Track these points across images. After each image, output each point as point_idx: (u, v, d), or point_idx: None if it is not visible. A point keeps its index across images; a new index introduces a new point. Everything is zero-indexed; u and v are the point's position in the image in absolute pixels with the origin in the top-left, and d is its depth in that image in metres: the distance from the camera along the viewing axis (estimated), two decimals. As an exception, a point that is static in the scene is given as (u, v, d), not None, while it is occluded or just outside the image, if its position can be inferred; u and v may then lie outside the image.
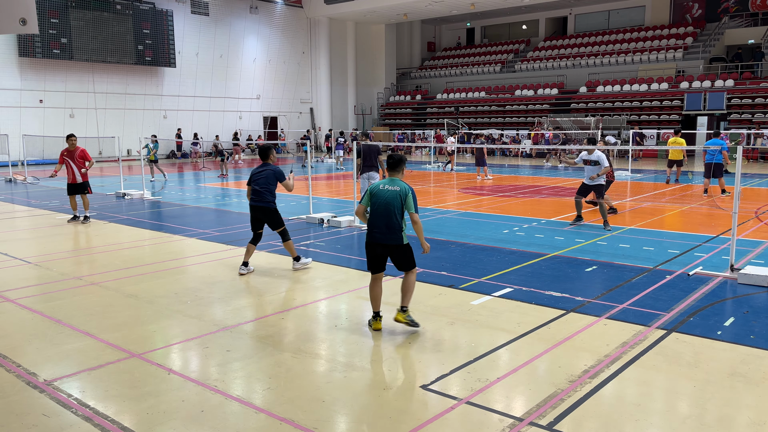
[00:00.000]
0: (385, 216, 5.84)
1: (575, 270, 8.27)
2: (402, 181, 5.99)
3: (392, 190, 5.88)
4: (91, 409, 4.38)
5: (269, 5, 40.67)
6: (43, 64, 30.35)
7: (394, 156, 6.11)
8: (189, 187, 20.32)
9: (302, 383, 4.82)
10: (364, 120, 46.84)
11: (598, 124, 32.99)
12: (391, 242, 5.87)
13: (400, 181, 5.98)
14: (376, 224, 5.91)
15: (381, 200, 5.88)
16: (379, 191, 5.94)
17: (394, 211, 5.83)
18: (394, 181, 5.97)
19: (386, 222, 5.84)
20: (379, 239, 5.89)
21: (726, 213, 12.83)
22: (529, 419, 4.19)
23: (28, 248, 10.19)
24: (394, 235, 5.86)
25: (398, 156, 6.11)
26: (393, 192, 5.87)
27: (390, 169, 6.08)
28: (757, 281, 7.37)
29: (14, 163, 26.16)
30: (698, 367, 5.07)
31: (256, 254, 9.49)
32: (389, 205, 5.83)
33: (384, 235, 5.86)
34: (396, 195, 5.85)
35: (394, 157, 6.10)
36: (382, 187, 5.96)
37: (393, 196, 5.85)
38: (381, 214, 5.86)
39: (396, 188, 5.89)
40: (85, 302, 7.01)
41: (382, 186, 5.96)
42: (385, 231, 5.85)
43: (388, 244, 5.89)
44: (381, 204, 5.87)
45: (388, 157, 6.13)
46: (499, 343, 5.63)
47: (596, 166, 11.36)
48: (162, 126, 35.25)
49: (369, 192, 6.02)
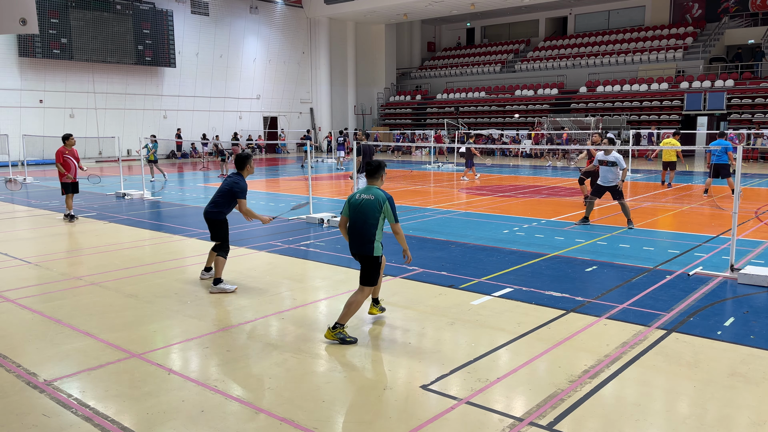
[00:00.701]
0: (358, 225, 5.67)
1: (575, 270, 8.27)
2: (379, 190, 5.77)
3: (367, 199, 5.68)
4: (91, 409, 4.38)
5: (269, 5, 40.68)
6: (43, 64, 30.36)
7: (372, 163, 5.88)
8: (189, 187, 20.32)
9: (302, 383, 4.82)
10: (364, 120, 46.84)
11: (598, 124, 33.00)
12: (362, 252, 5.69)
13: (377, 190, 5.76)
14: (351, 235, 5.77)
15: (356, 209, 5.71)
16: (355, 200, 5.76)
17: (368, 221, 5.63)
18: (370, 190, 5.75)
19: (359, 231, 5.67)
20: (354, 249, 5.76)
21: (726, 213, 12.83)
22: (529, 419, 4.19)
23: (28, 248, 10.19)
24: (364, 246, 5.66)
25: (376, 162, 5.90)
26: (368, 201, 5.67)
27: (368, 177, 5.87)
28: (757, 281, 7.37)
29: (14, 163, 26.15)
30: (698, 367, 5.07)
31: (256, 254, 9.49)
32: (363, 214, 5.65)
33: (356, 245, 5.71)
34: (371, 204, 5.65)
35: (372, 164, 5.87)
36: (358, 196, 5.76)
37: (368, 206, 5.65)
38: (354, 222, 5.70)
39: (371, 197, 5.68)
40: (85, 302, 7.01)
41: (359, 195, 5.76)
42: (357, 240, 5.69)
43: (358, 254, 5.73)
44: (355, 213, 5.71)
45: (366, 164, 5.90)
46: (499, 343, 5.63)
47: (613, 167, 11.16)
48: (162, 126, 35.26)
49: (347, 202, 5.85)
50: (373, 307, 6.38)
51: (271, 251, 9.65)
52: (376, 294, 6.35)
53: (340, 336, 5.61)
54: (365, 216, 5.63)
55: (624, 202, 11.24)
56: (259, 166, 30.45)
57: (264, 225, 7.97)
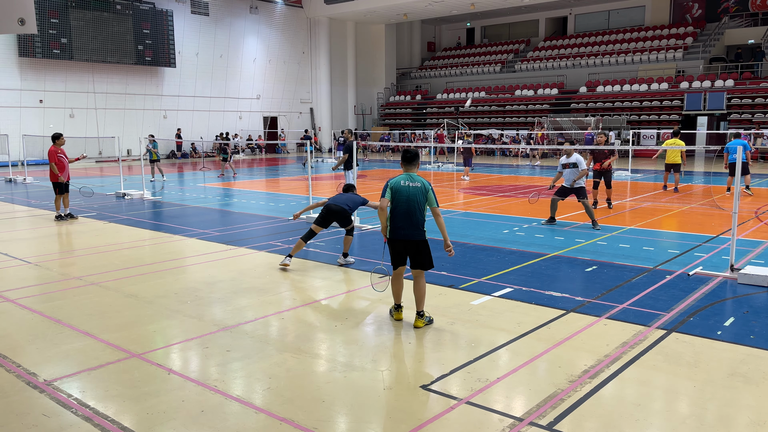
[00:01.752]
0: (408, 212, 5.91)
1: (575, 270, 8.27)
2: (420, 177, 6.04)
3: (414, 186, 5.94)
4: (91, 409, 4.38)
5: (269, 5, 40.68)
6: (43, 64, 30.36)
7: (410, 150, 6.12)
8: (189, 187, 20.32)
9: (302, 383, 4.82)
10: (364, 120, 46.85)
11: (598, 124, 33.00)
12: (414, 238, 5.95)
13: (418, 177, 6.03)
14: (398, 221, 5.95)
15: (402, 197, 5.93)
16: (400, 187, 5.96)
17: (417, 207, 5.92)
18: (413, 177, 6.01)
19: (409, 218, 5.91)
20: (403, 236, 5.96)
21: (726, 213, 12.83)
22: (529, 419, 4.19)
23: (28, 248, 10.18)
24: (416, 231, 5.94)
25: (414, 151, 6.13)
26: (414, 188, 5.94)
27: (406, 164, 6.10)
28: (757, 281, 7.37)
29: (14, 163, 26.16)
30: (698, 367, 5.07)
31: (256, 254, 9.50)
32: (411, 201, 5.90)
33: (407, 231, 5.94)
34: (417, 191, 5.93)
35: (411, 151, 6.12)
36: (402, 183, 5.96)
37: (415, 192, 5.92)
38: (403, 210, 5.92)
39: (417, 184, 5.96)
40: (85, 302, 7.01)
41: (403, 182, 5.97)
42: (408, 227, 5.92)
43: (410, 240, 5.96)
44: (402, 200, 5.92)
45: (404, 152, 6.14)
46: (499, 343, 5.62)
47: (575, 168, 11.47)
48: (162, 126, 35.26)
49: (389, 188, 6.00)
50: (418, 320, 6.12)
51: (271, 251, 9.65)
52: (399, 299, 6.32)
53: (428, 319, 6.09)
54: (414, 202, 5.90)
55: (587, 202, 11.44)
56: (259, 166, 30.46)
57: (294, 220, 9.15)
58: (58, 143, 12.90)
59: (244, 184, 20.95)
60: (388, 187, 6.01)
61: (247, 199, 16.71)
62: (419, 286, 6.05)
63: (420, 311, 6.04)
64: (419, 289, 6.05)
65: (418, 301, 6.06)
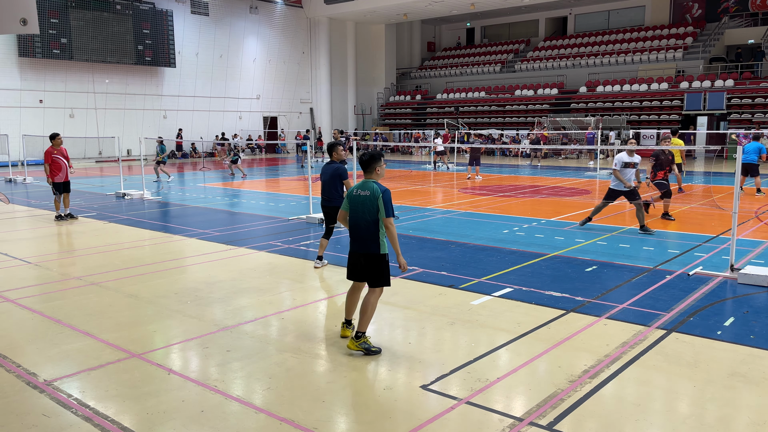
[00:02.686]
0: (357, 223, 5.41)
1: (575, 270, 8.27)
2: (374, 183, 5.39)
3: (363, 195, 5.36)
4: (91, 409, 4.38)
5: (269, 5, 40.68)
6: (43, 64, 30.35)
7: (364, 154, 5.49)
8: (189, 187, 20.32)
9: (302, 383, 4.82)
10: (364, 120, 46.85)
11: (598, 124, 32.99)
12: (365, 251, 5.39)
13: (372, 183, 5.39)
14: (351, 232, 5.51)
15: (354, 206, 5.44)
16: (352, 197, 5.46)
17: (366, 218, 5.33)
18: (366, 184, 5.40)
19: (359, 229, 5.41)
20: (356, 248, 5.48)
21: (726, 213, 12.82)
22: (529, 419, 4.19)
23: (28, 248, 10.19)
24: (366, 243, 5.37)
25: (369, 154, 5.49)
26: (364, 197, 5.35)
27: (363, 170, 5.51)
28: (757, 281, 7.37)
29: (14, 163, 26.16)
30: (698, 367, 5.07)
31: (256, 254, 9.49)
32: (361, 211, 5.36)
33: (359, 244, 5.43)
34: (367, 200, 5.33)
35: (365, 155, 5.48)
36: (355, 192, 5.46)
37: (364, 202, 5.35)
38: (354, 220, 5.44)
39: (367, 192, 5.35)
40: (85, 302, 7.01)
41: (356, 191, 5.45)
42: (359, 239, 5.42)
43: (362, 253, 5.43)
44: (354, 210, 5.44)
45: (360, 156, 5.57)
46: (499, 343, 5.63)
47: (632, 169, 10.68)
48: (162, 126, 35.26)
49: (347, 197, 5.58)
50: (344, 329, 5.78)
51: (271, 251, 9.65)
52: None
53: (365, 346, 5.35)
54: (364, 213, 5.34)
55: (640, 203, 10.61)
56: (259, 166, 30.46)
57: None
58: (54, 143, 12.88)
59: (244, 184, 20.95)
60: (346, 197, 5.60)
61: (247, 199, 16.71)
62: (367, 300, 5.40)
63: (359, 331, 5.36)
64: (364, 305, 5.40)
65: (360, 318, 5.38)
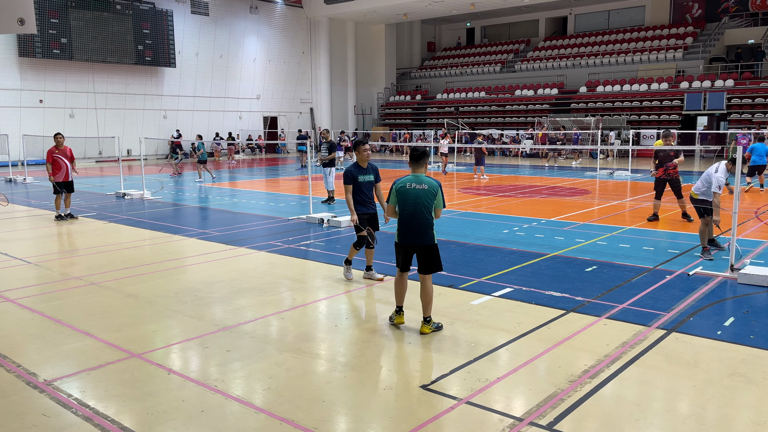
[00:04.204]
0: (413, 216, 5.69)
1: (575, 270, 8.27)
2: (428, 177, 5.77)
3: (420, 189, 5.69)
4: (91, 409, 4.38)
5: (269, 5, 40.68)
6: (43, 64, 30.36)
7: (417, 149, 5.84)
8: (189, 187, 20.31)
9: (302, 383, 4.82)
10: (364, 120, 46.85)
11: (598, 124, 33.00)
12: (422, 242, 5.73)
13: (425, 178, 5.75)
14: (406, 225, 5.75)
15: (410, 199, 5.70)
16: (406, 190, 5.73)
17: (424, 211, 5.68)
18: (420, 178, 5.74)
19: (417, 222, 5.69)
20: (411, 241, 5.76)
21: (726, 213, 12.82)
22: (529, 419, 4.19)
23: (28, 248, 10.18)
24: (424, 236, 5.72)
25: (422, 149, 5.85)
26: (422, 191, 5.69)
27: (413, 163, 5.83)
28: (757, 281, 7.37)
29: (14, 163, 26.16)
30: (698, 367, 5.07)
31: (256, 254, 9.49)
32: (418, 204, 5.67)
33: (416, 236, 5.72)
34: (425, 194, 5.68)
35: (418, 149, 5.83)
36: (408, 186, 5.73)
37: (423, 195, 5.68)
38: (409, 214, 5.71)
39: (424, 186, 5.70)
40: (85, 302, 7.01)
41: (409, 185, 5.73)
42: (416, 231, 5.71)
43: (418, 245, 5.76)
44: (409, 204, 5.70)
45: (412, 150, 5.90)
46: (499, 343, 5.62)
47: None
48: (162, 126, 35.27)
49: (394, 191, 5.82)
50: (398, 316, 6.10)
51: (271, 251, 9.65)
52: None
53: (435, 325, 5.90)
54: (421, 205, 5.66)
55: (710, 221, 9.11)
56: (260, 166, 30.46)
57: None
58: (57, 143, 12.91)
59: (244, 184, 20.95)
60: (394, 191, 5.82)
61: (247, 199, 16.71)
62: (426, 290, 5.81)
63: (427, 317, 5.84)
64: (426, 294, 5.81)
65: (425, 307, 5.84)
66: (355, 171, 7.49)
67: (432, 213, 5.73)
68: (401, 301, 6.08)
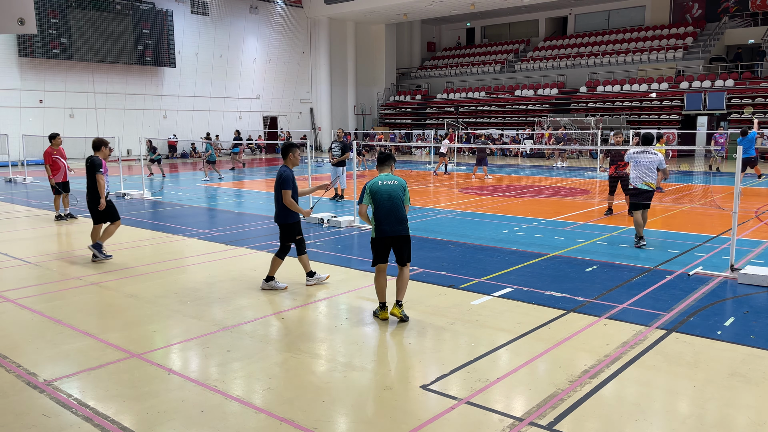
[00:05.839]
0: (391, 209, 6.14)
1: (575, 270, 8.27)
2: (396, 176, 6.34)
3: (392, 184, 6.23)
4: (91, 409, 4.38)
5: (269, 5, 40.67)
6: (43, 64, 30.35)
7: (383, 152, 6.53)
8: (188, 187, 20.31)
9: (302, 383, 4.82)
10: (364, 120, 46.85)
11: (598, 124, 32.99)
12: (402, 233, 6.16)
13: (394, 176, 6.33)
14: (385, 219, 6.14)
15: (384, 195, 6.15)
16: (379, 187, 6.20)
17: (399, 203, 6.18)
18: (389, 176, 6.31)
19: (395, 215, 6.14)
20: (390, 233, 6.13)
21: (726, 213, 12.82)
22: (529, 419, 4.19)
23: (28, 248, 10.18)
24: (402, 226, 6.17)
25: (387, 152, 6.55)
26: (394, 186, 6.22)
27: (381, 164, 6.43)
28: (757, 281, 7.37)
29: (14, 163, 26.16)
30: (698, 367, 5.07)
31: (256, 254, 9.49)
32: (393, 198, 6.16)
33: (394, 227, 6.13)
34: (396, 188, 6.22)
35: (384, 153, 6.52)
36: (381, 183, 6.21)
37: (395, 189, 6.20)
38: (387, 208, 6.14)
39: (395, 182, 6.25)
40: (85, 302, 7.01)
41: (381, 182, 6.22)
42: (394, 224, 6.13)
43: (397, 236, 6.15)
44: (384, 199, 6.15)
45: (378, 154, 6.71)
46: (499, 343, 5.62)
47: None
48: (162, 126, 35.26)
49: (368, 190, 6.22)
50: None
51: (271, 251, 9.64)
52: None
53: (404, 313, 6.20)
54: (396, 198, 6.18)
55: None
56: (260, 166, 30.45)
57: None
58: (54, 143, 12.91)
59: (244, 184, 20.95)
60: (366, 191, 6.23)
61: (246, 199, 16.71)
62: (404, 278, 6.22)
63: (399, 300, 6.19)
64: (403, 281, 6.21)
65: (399, 291, 6.21)
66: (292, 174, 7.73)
67: (405, 206, 6.26)
68: (384, 297, 6.34)
